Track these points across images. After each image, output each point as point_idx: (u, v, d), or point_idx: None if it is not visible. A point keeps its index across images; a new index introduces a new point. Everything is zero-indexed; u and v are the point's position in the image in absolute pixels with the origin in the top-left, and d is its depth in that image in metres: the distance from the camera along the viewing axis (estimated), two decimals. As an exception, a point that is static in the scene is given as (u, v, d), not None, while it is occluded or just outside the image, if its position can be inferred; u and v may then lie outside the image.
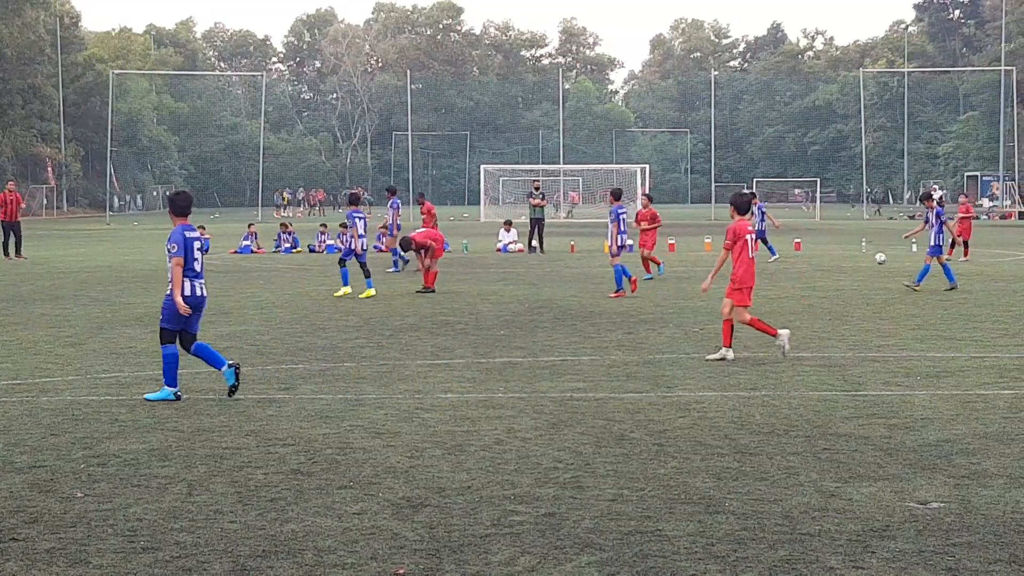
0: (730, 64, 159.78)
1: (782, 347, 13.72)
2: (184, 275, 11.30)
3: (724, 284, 14.41)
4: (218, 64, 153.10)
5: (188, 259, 11.33)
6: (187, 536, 6.93)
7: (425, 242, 23.26)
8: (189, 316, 11.36)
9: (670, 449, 9.14)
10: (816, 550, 6.61)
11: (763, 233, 31.68)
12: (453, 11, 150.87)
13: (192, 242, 11.44)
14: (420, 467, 8.60)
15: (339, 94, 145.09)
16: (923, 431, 9.74)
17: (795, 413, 10.54)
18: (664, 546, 6.70)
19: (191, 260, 11.36)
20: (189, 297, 11.34)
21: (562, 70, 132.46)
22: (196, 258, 11.42)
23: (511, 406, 10.98)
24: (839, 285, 24.19)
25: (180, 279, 11.24)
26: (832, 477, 8.23)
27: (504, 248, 38.01)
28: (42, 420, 10.40)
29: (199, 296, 11.46)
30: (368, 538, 6.88)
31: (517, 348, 15.01)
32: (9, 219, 35.00)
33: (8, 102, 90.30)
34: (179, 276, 11.24)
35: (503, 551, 6.63)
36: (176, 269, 11.24)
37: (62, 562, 6.48)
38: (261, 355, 14.45)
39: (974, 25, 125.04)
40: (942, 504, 7.53)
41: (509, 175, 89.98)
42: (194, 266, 11.40)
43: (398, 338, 16.11)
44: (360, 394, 11.67)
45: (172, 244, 11.32)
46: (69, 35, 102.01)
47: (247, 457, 8.93)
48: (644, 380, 12.42)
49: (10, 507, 7.59)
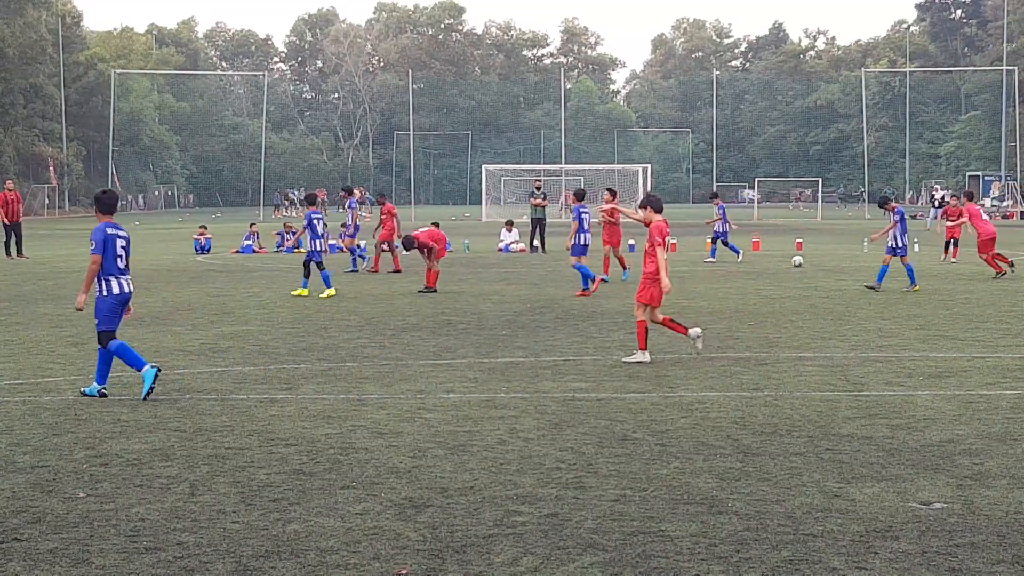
0: (732, 64, 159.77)
1: (695, 344, 13.66)
2: (110, 273, 11.43)
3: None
4: (220, 64, 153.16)
5: (112, 256, 11.45)
6: (190, 536, 6.93)
7: (428, 242, 23.25)
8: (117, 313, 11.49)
9: (673, 449, 9.14)
10: (819, 551, 6.61)
11: (725, 235, 31.75)
12: (455, 11, 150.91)
13: (115, 239, 11.55)
14: (423, 467, 8.60)
15: (341, 94, 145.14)
16: (926, 431, 9.73)
17: (797, 413, 10.53)
18: (667, 547, 6.69)
19: (115, 257, 11.49)
20: (117, 295, 11.49)
21: (564, 70, 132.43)
22: (120, 255, 11.56)
23: (513, 406, 10.97)
24: (841, 285, 24.18)
25: (93, 277, 11.41)
26: (835, 477, 8.22)
27: (506, 248, 38.01)
28: (44, 420, 10.40)
29: (126, 292, 11.60)
30: (371, 538, 6.88)
31: (519, 348, 15.01)
32: (11, 219, 35.02)
33: (10, 101, 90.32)
34: (92, 274, 11.40)
35: (506, 551, 6.63)
36: (92, 267, 11.39)
37: (65, 562, 6.48)
38: (263, 355, 14.46)
39: (976, 25, 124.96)
40: (945, 504, 7.53)
41: (511, 175, 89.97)
42: (118, 263, 11.53)
43: (400, 338, 16.10)
44: (362, 394, 11.67)
45: (92, 241, 11.46)
46: (71, 35, 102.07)
47: (249, 457, 8.93)
48: (646, 380, 12.42)
49: (13, 507, 7.59)
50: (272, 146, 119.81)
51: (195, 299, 21.85)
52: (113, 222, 11.68)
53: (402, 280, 26.02)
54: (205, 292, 23.35)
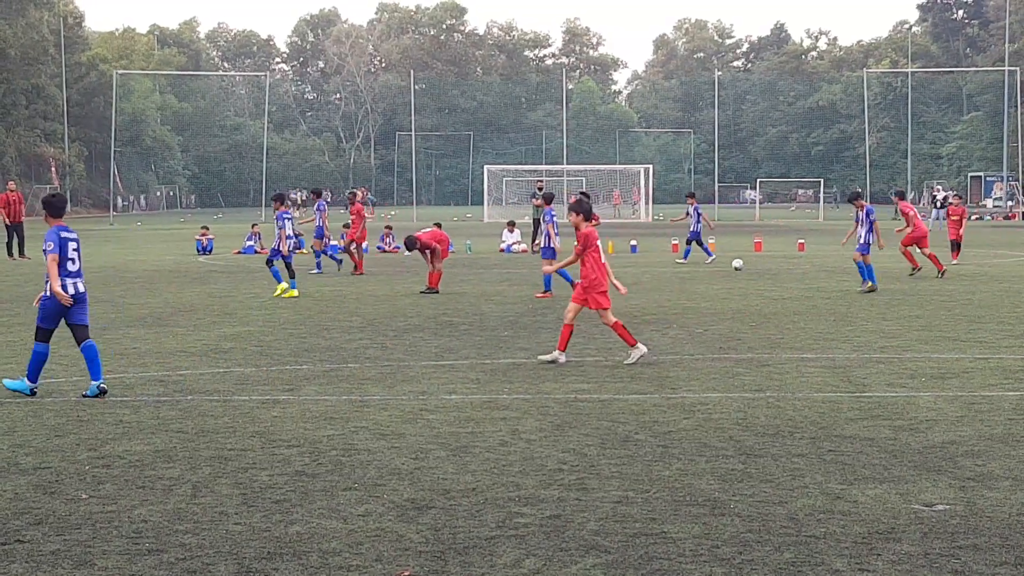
0: (733, 64, 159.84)
1: (632, 358, 13.58)
2: (61, 274, 11.50)
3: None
4: (221, 64, 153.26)
5: (64, 258, 11.54)
6: (192, 538, 6.93)
7: (429, 243, 23.26)
8: (72, 308, 11.53)
9: (675, 451, 9.13)
10: (821, 552, 6.60)
11: (698, 235, 31.79)
12: (456, 11, 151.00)
13: (68, 242, 11.65)
14: (425, 469, 8.60)
15: (342, 94, 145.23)
16: (928, 433, 9.73)
17: (800, 415, 10.53)
18: (669, 548, 6.69)
19: (67, 259, 11.58)
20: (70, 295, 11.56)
21: (565, 70, 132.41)
22: (72, 257, 11.65)
23: (516, 407, 10.97)
24: (843, 286, 24.17)
25: (56, 271, 11.45)
26: (837, 479, 8.22)
27: (507, 249, 38.01)
28: (47, 421, 10.40)
29: (81, 292, 11.67)
30: (373, 540, 6.88)
31: (521, 349, 15.01)
32: (13, 220, 35.02)
33: (12, 102, 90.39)
34: (55, 269, 11.45)
35: (508, 553, 6.63)
36: (52, 265, 11.46)
37: (67, 564, 6.48)
38: (265, 356, 14.46)
39: (978, 25, 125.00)
40: (948, 506, 7.52)
41: (512, 176, 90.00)
42: (68, 265, 11.60)
43: (402, 339, 16.10)
44: (364, 395, 11.67)
45: (48, 243, 11.52)
46: (73, 35, 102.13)
47: (251, 459, 8.93)
48: (648, 381, 12.41)
49: (15, 509, 7.59)
50: (274, 147, 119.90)
51: (197, 300, 21.86)
52: (64, 225, 11.82)
53: (404, 281, 26.02)
54: (207, 293, 23.36)
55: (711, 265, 30.55)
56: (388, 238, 39.35)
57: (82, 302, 11.72)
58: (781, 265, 30.47)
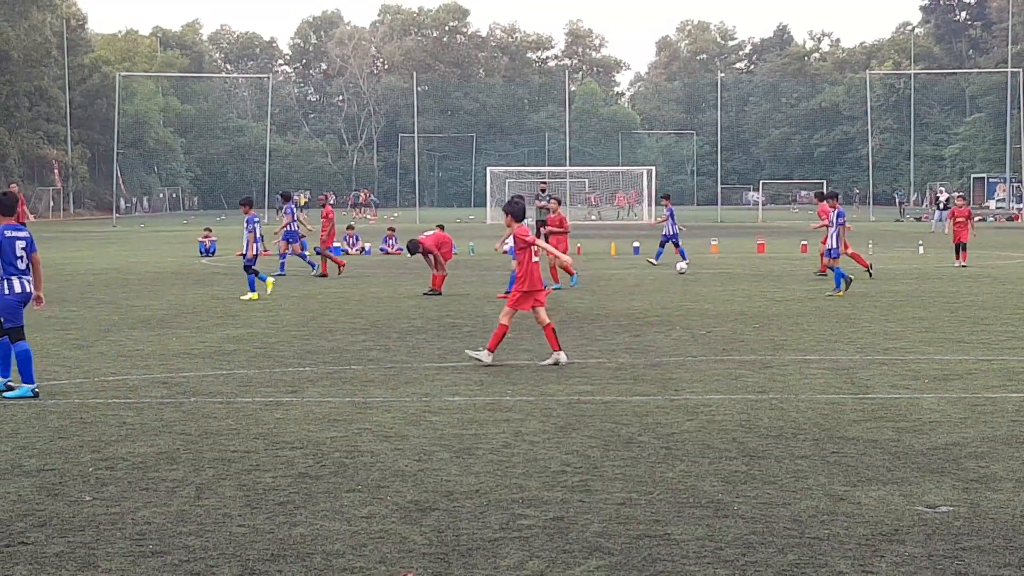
0: (736, 66, 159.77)
1: (551, 360, 13.69)
2: (11, 273, 11.56)
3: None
4: (224, 66, 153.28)
5: (10, 257, 11.57)
6: (195, 540, 6.94)
7: (432, 248, 23.26)
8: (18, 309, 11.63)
9: (678, 452, 9.13)
10: (825, 554, 6.60)
11: (676, 237, 31.71)
12: (459, 13, 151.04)
13: (15, 241, 11.67)
14: (428, 470, 8.60)
15: (345, 96, 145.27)
16: (931, 434, 9.72)
17: (803, 416, 10.52)
18: (673, 550, 6.69)
19: (14, 258, 11.61)
20: (19, 293, 11.62)
21: (568, 72, 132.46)
22: (20, 256, 11.68)
23: (519, 409, 10.97)
24: (846, 287, 24.13)
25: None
26: (840, 481, 8.22)
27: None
28: (50, 423, 10.41)
29: (27, 292, 11.71)
30: (376, 542, 6.88)
31: (524, 351, 15.01)
32: (16, 222, 35.02)
33: (15, 104, 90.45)
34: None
35: (512, 555, 6.63)
36: None
37: (71, 566, 6.48)
38: (268, 357, 14.46)
39: (980, 27, 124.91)
40: (951, 508, 7.52)
41: (515, 177, 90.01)
42: (17, 264, 11.65)
43: (405, 341, 16.11)
44: (368, 397, 11.67)
45: None
46: (75, 37, 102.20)
47: (255, 460, 8.94)
48: (651, 383, 12.41)
49: (19, 511, 7.59)
50: (276, 148, 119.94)
51: (200, 302, 21.87)
52: (13, 224, 11.88)
53: (407, 283, 26.03)
54: (210, 295, 23.37)
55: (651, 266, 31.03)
56: (391, 240, 39.37)
57: (25, 303, 11.74)
58: (784, 267, 30.45)
